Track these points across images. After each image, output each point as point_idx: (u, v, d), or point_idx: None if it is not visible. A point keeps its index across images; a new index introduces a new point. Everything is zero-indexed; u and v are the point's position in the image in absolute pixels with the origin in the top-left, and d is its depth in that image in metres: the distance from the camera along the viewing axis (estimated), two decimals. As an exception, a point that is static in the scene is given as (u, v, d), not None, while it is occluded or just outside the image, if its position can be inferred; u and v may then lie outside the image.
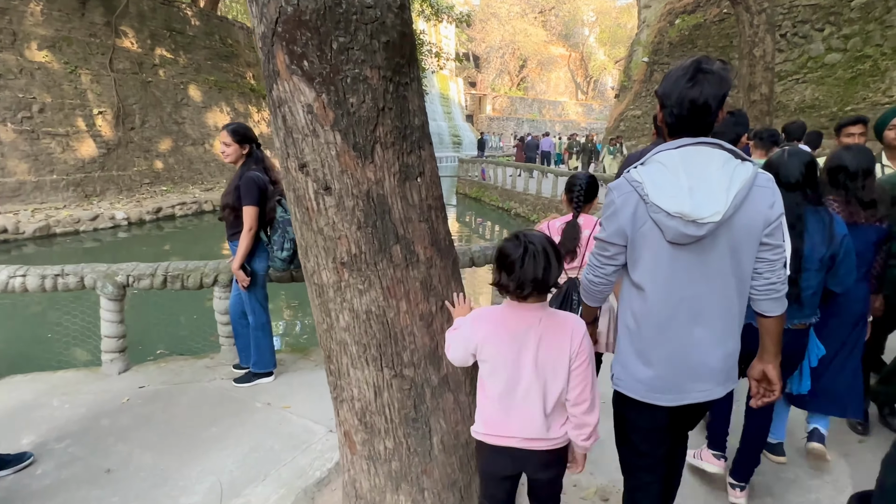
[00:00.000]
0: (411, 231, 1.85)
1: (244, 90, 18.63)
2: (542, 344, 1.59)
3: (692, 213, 1.42)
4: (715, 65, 1.48)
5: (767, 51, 10.05)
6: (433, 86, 42.32)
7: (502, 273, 1.60)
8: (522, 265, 1.53)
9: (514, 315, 1.63)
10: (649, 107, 18.85)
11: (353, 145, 1.71)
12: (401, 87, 1.76)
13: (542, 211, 15.03)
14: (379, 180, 1.76)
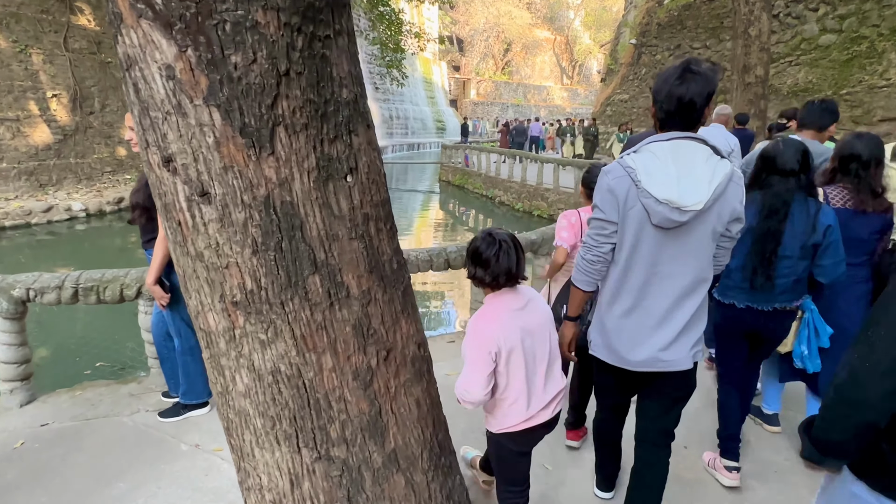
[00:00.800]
0: (337, 254, 1.27)
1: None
2: (533, 316, 1.72)
3: (678, 201, 1.58)
4: (703, 66, 1.64)
5: (763, 30, 9.53)
6: (416, 69, 41.28)
7: (477, 268, 1.69)
8: (497, 260, 1.66)
9: (503, 303, 1.70)
10: (636, 90, 18.34)
11: (240, 128, 1.12)
12: (317, 43, 1.17)
13: (527, 199, 14.50)
14: (284, 181, 1.18)
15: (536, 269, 4.83)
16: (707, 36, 15.28)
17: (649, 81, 17.74)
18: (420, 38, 17.70)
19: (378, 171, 1.38)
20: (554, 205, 13.36)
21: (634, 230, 1.69)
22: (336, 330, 1.28)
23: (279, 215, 1.18)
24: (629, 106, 18.31)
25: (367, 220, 1.32)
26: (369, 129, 1.37)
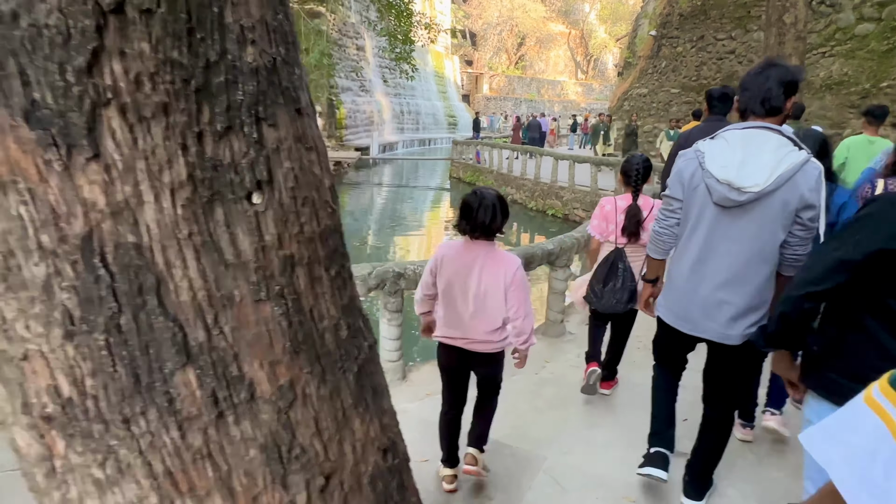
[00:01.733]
0: (231, 329, 0.74)
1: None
2: (484, 270, 2.12)
3: (736, 182, 1.79)
4: (784, 62, 1.92)
5: (799, 17, 8.85)
6: (427, 64, 40.67)
7: (461, 219, 2.12)
8: (476, 214, 2.07)
9: (467, 248, 2.16)
10: (656, 84, 17.60)
11: (24, 112, 0.60)
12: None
13: (540, 197, 13.90)
14: (122, 208, 0.65)
15: (553, 281, 4.27)
16: (733, 26, 14.52)
17: (669, 75, 17.00)
18: (430, 29, 17.12)
19: (315, 183, 0.85)
20: (569, 204, 12.75)
21: (698, 208, 1.94)
22: (231, 456, 0.76)
23: (112, 268, 0.65)
24: (648, 101, 17.58)
25: (289, 267, 0.80)
26: (301, 116, 0.84)
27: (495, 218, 2.06)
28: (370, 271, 3.31)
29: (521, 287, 2.12)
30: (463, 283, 2.13)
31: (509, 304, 2.12)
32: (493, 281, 2.11)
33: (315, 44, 15.62)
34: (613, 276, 2.94)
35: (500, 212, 2.07)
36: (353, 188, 19.12)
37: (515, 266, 2.12)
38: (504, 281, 2.10)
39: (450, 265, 2.16)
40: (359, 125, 28.68)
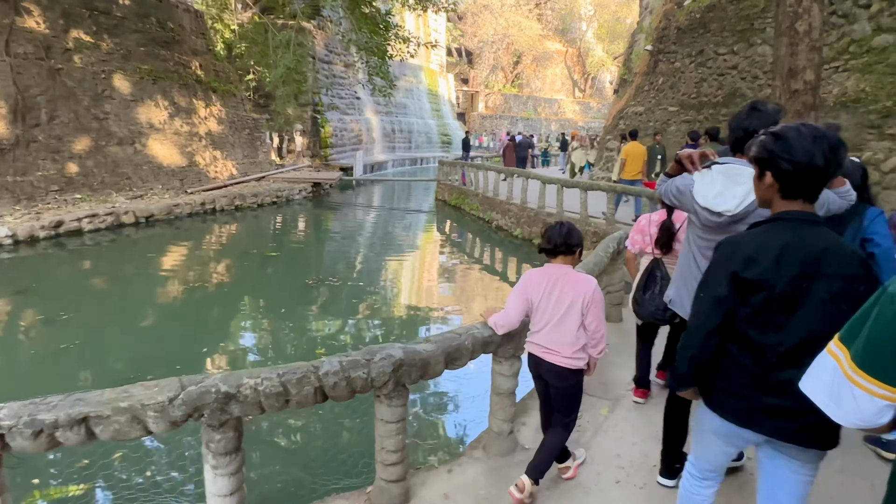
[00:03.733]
0: None
1: (187, 81, 16.17)
2: (566, 289, 2.45)
3: (713, 207, 2.20)
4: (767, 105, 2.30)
5: (814, 25, 7.66)
6: (421, 81, 39.90)
7: (543, 239, 2.54)
8: (550, 234, 2.51)
9: (548, 269, 2.53)
10: (653, 102, 16.47)
11: None
12: None
13: (526, 224, 12.65)
14: None
15: (498, 378, 2.98)
16: (735, 40, 13.42)
17: (667, 92, 15.88)
18: (408, 42, 16.09)
19: None
20: (557, 233, 11.50)
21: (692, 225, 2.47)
22: None
23: None
24: (644, 119, 16.44)
25: None
26: None
27: (567, 239, 2.46)
28: (174, 395, 2.02)
29: (598, 304, 2.46)
30: (548, 300, 2.48)
31: (588, 319, 2.44)
32: (573, 299, 2.43)
33: (282, 57, 14.61)
34: (653, 283, 3.21)
35: (576, 232, 2.49)
36: (332, 211, 17.91)
37: (593, 286, 2.46)
38: (584, 299, 2.43)
39: (537, 287, 2.52)
40: (346, 144, 27.64)
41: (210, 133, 16.95)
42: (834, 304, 1.54)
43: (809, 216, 1.63)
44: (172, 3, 16.45)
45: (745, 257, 1.61)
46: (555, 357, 2.46)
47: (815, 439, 1.62)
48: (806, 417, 1.52)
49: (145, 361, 5.66)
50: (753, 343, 1.64)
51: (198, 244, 11.80)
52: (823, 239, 1.59)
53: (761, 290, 1.59)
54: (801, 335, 1.58)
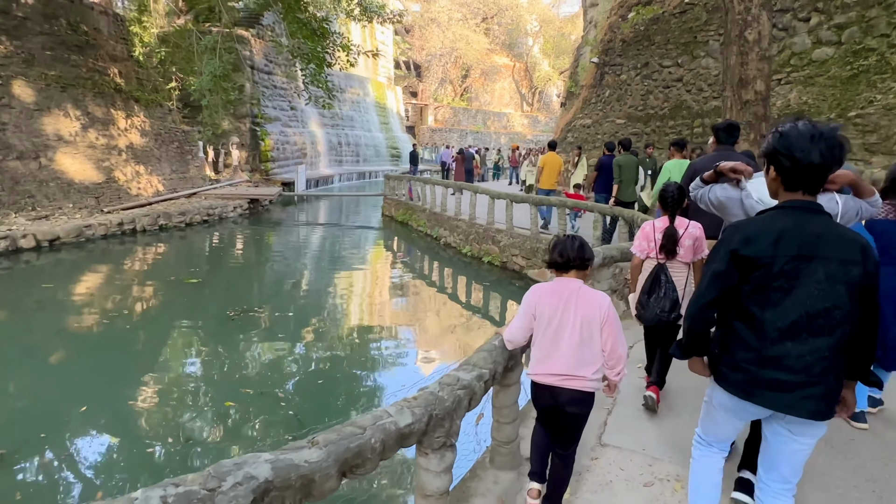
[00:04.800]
0: None
1: (104, 89, 14.69)
2: (579, 307, 2.28)
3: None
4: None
5: (763, 34, 7.42)
6: (368, 94, 39.08)
7: (553, 253, 2.37)
8: (556, 248, 2.38)
9: (559, 285, 2.36)
10: (600, 115, 16.33)
11: None
12: None
13: (475, 242, 12.01)
14: None
15: (425, 476, 2.19)
16: (679, 52, 13.39)
17: (614, 105, 15.77)
18: (348, 51, 15.30)
19: None
20: (507, 250, 10.90)
21: None
22: None
23: None
24: (592, 132, 16.26)
25: None
26: None
27: (583, 248, 2.36)
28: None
29: (614, 321, 2.28)
30: (559, 320, 2.29)
31: (604, 338, 2.27)
32: (588, 317, 2.27)
33: (208, 64, 13.48)
34: (657, 286, 3.30)
35: (587, 246, 2.39)
36: (269, 230, 16.69)
37: (607, 302, 2.31)
38: (599, 316, 2.26)
39: (545, 303, 2.34)
40: (289, 157, 26.39)
41: (132, 146, 15.48)
42: (829, 284, 1.68)
43: (809, 205, 1.78)
44: (87, 5, 14.98)
45: (744, 237, 1.77)
46: (578, 382, 2.27)
47: (810, 411, 1.73)
48: (803, 390, 1.70)
49: (14, 421, 4.54)
50: (755, 319, 1.77)
51: (107, 271, 10.43)
52: (821, 224, 1.73)
53: (759, 267, 1.73)
54: (798, 312, 1.71)
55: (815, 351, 1.70)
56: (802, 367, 1.71)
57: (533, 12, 53.56)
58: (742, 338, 1.79)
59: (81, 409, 4.91)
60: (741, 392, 1.82)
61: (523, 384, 3.06)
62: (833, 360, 1.72)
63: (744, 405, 1.83)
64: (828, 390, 1.73)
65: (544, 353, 2.31)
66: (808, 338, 1.71)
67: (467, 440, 4.26)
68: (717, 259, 1.82)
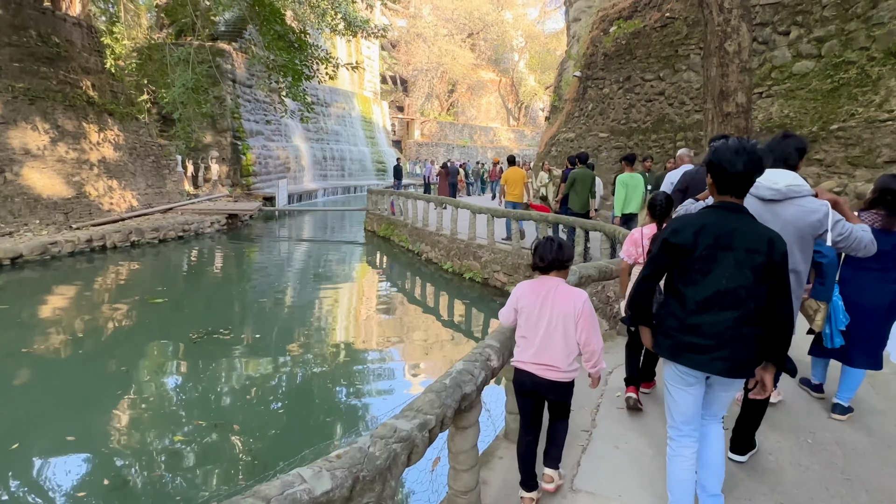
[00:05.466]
0: None
1: (75, 102, 14.29)
2: (556, 303, 2.47)
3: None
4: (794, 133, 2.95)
5: (743, 45, 7.28)
6: (353, 108, 38.94)
7: (535, 257, 2.56)
8: (539, 251, 2.55)
9: (540, 282, 2.55)
10: (583, 128, 16.22)
11: None
12: None
13: (457, 257, 11.71)
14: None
15: None
16: (661, 66, 13.34)
17: (597, 118, 15.68)
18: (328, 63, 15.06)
19: None
20: (488, 266, 10.61)
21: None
22: None
23: None
24: (576, 145, 16.13)
25: None
26: None
27: (555, 256, 2.51)
28: None
29: (589, 317, 2.46)
30: (537, 314, 2.49)
31: (579, 332, 2.45)
32: (564, 312, 2.45)
33: (180, 76, 13.14)
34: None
35: (567, 247, 2.56)
36: (247, 246, 16.26)
37: (583, 299, 2.48)
38: (574, 311, 2.45)
39: (526, 299, 2.54)
40: (271, 172, 26.01)
41: (105, 160, 15.04)
42: (738, 269, 2.09)
43: (733, 206, 2.17)
44: (59, 17, 14.63)
45: (672, 229, 2.21)
46: (554, 373, 2.47)
47: (720, 370, 2.12)
48: (714, 352, 2.11)
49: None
50: (680, 294, 2.19)
51: (69, 291, 9.94)
52: (737, 220, 2.13)
53: (683, 253, 2.16)
54: (713, 289, 2.11)
55: (724, 321, 2.08)
56: (713, 333, 2.10)
57: (518, 28, 54.04)
58: (671, 311, 2.21)
59: (13, 447, 4.47)
60: (669, 355, 2.22)
61: (483, 422, 2.73)
62: (738, 330, 2.09)
63: (681, 371, 2.21)
64: (734, 353, 2.10)
65: (525, 343, 2.53)
66: (718, 311, 2.09)
67: (421, 489, 3.90)
68: (654, 245, 2.27)
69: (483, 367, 2.55)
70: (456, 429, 2.51)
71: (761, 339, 2.13)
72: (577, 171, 8.99)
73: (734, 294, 2.07)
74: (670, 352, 2.21)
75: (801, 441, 3.27)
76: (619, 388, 3.94)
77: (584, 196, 8.86)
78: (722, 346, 2.09)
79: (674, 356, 2.20)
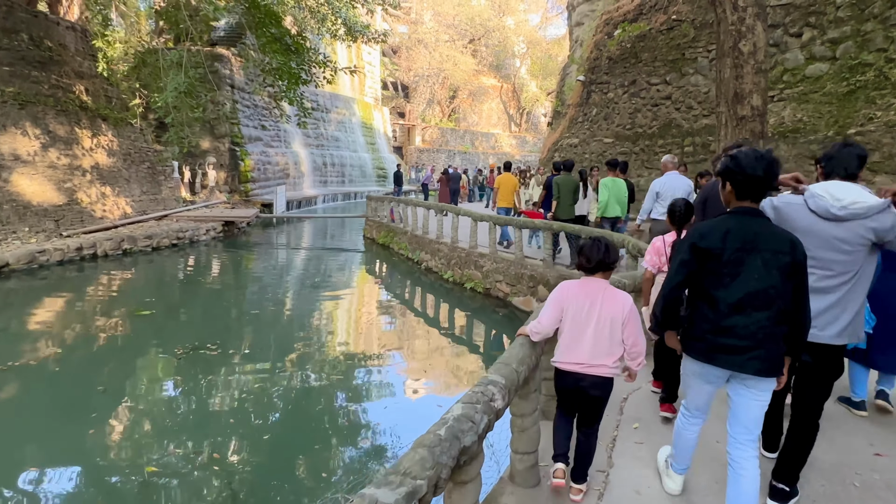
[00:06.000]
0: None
1: (67, 107, 13.99)
2: (604, 305, 2.54)
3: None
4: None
5: (759, 45, 6.92)
6: (354, 114, 38.69)
7: (581, 257, 2.64)
8: (585, 252, 2.61)
9: (587, 283, 2.63)
10: (587, 134, 15.87)
11: None
12: None
13: (457, 266, 11.32)
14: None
15: None
16: (667, 70, 13.00)
17: (601, 123, 15.33)
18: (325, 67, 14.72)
19: None
20: (490, 275, 10.22)
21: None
22: None
23: None
24: (579, 151, 15.78)
25: None
26: None
27: (603, 257, 2.57)
28: None
29: (635, 319, 2.56)
30: (585, 314, 2.55)
31: (626, 334, 2.54)
32: (612, 314, 2.53)
33: (172, 79, 12.81)
34: None
35: (613, 249, 2.60)
36: (243, 254, 15.89)
37: (630, 302, 2.58)
38: (622, 315, 2.53)
39: (574, 300, 2.60)
40: (270, 178, 25.69)
41: (98, 166, 14.71)
42: (766, 269, 2.15)
43: (752, 210, 2.28)
44: (52, 20, 14.35)
45: (700, 233, 2.26)
46: (601, 370, 2.55)
47: (756, 369, 2.17)
48: (749, 353, 2.16)
49: None
50: (711, 297, 2.23)
51: (53, 302, 9.56)
52: (759, 224, 2.23)
53: (712, 257, 2.21)
54: (744, 291, 2.17)
55: (756, 322, 2.14)
56: (747, 334, 2.15)
57: (520, 34, 53.87)
58: (703, 314, 2.25)
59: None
60: (703, 357, 2.26)
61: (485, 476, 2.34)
62: (771, 329, 2.15)
63: (707, 368, 2.28)
64: (768, 353, 2.16)
65: (569, 343, 2.58)
66: (751, 312, 2.15)
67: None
68: (682, 251, 2.29)
69: (486, 409, 2.15)
70: (454, 484, 2.12)
71: (787, 338, 2.21)
72: (559, 177, 8.99)
73: (765, 294, 2.14)
74: (705, 354, 2.26)
75: (848, 485, 2.87)
76: (635, 418, 3.56)
77: (567, 202, 8.83)
78: (757, 346, 2.15)
79: (708, 359, 2.26)
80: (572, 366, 2.55)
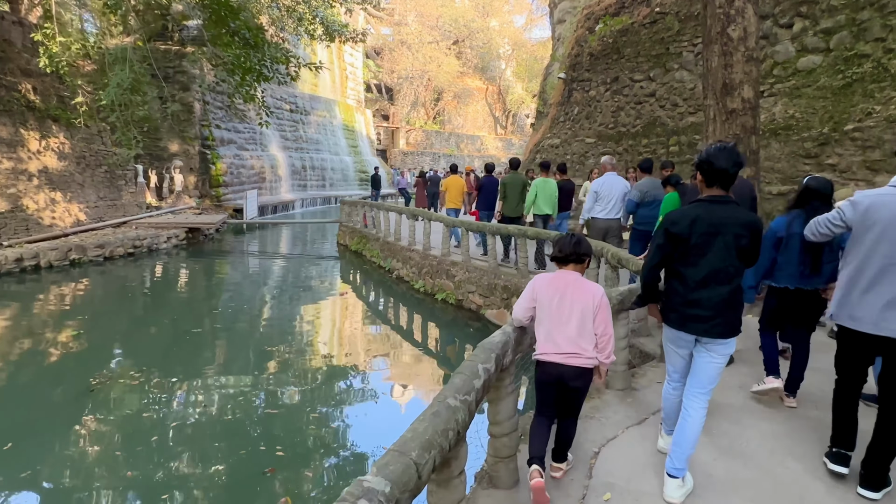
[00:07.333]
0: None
1: (11, 107, 12.99)
2: (575, 296, 2.65)
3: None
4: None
5: (750, 31, 6.18)
6: (335, 116, 37.79)
7: (554, 249, 2.80)
8: (564, 244, 2.75)
9: (558, 276, 2.74)
10: (569, 134, 15.15)
11: None
12: None
13: (429, 276, 10.51)
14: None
15: None
16: (650, 66, 12.31)
17: (583, 122, 14.62)
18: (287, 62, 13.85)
19: None
20: (462, 285, 9.42)
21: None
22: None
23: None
24: (561, 152, 15.06)
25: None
26: None
27: (574, 248, 2.72)
28: None
29: (605, 309, 2.68)
30: (557, 305, 2.66)
31: (597, 323, 2.65)
32: (582, 305, 2.64)
33: (116, 76, 11.88)
34: None
35: (585, 243, 2.75)
36: (204, 263, 14.92)
37: (600, 293, 2.69)
38: (593, 305, 2.64)
39: (545, 290, 2.70)
40: (244, 182, 24.71)
41: (46, 170, 13.72)
42: (726, 251, 2.54)
43: (720, 198, 2.62)
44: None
45: (671, 220, 2.63)
46: (579, 360, 2.62)
47: (718, 333, 2.57)
48: (713, 321, 2.56)
49: None
50: (681, 275, 2.63)
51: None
52: (723, 210, 2.57)
53: (681, 240, 2.58)
54: (708, 268, 2.55)
55: (718, 295, 2.56)
56: (710, 305, 2.57)
57: (505, 36, 53.34)
58: (675, 289, 2.68)
59: None
60: (677, 325, 2.69)
61: None
62: (729, 300, 2.57)
63: (679, 334, 2.71)
64: (726, 320, 2.58)
65: (546, 335, 2.69)
66: (714, 286, 2.56)
67: None
68: (658, 237, 2.69)
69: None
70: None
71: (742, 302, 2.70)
72: (507, 177, 9.05)
73: (725, 272, 2.54)
74: (677, 322, 2.68)
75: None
76: (606, 485, 2.78)
77: (513, 201, 8.82)
78: (718, 315, 2.56)
79: (680, 326, 2.66)
80: (552, 356, 2.65)
